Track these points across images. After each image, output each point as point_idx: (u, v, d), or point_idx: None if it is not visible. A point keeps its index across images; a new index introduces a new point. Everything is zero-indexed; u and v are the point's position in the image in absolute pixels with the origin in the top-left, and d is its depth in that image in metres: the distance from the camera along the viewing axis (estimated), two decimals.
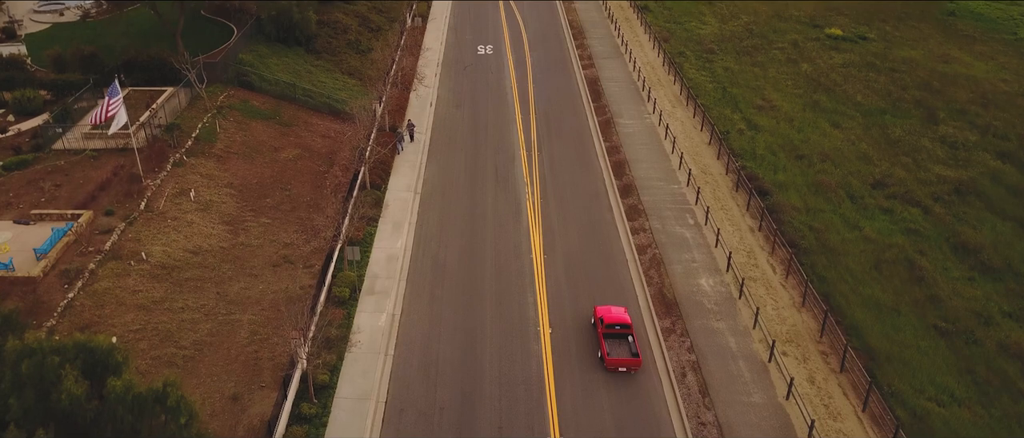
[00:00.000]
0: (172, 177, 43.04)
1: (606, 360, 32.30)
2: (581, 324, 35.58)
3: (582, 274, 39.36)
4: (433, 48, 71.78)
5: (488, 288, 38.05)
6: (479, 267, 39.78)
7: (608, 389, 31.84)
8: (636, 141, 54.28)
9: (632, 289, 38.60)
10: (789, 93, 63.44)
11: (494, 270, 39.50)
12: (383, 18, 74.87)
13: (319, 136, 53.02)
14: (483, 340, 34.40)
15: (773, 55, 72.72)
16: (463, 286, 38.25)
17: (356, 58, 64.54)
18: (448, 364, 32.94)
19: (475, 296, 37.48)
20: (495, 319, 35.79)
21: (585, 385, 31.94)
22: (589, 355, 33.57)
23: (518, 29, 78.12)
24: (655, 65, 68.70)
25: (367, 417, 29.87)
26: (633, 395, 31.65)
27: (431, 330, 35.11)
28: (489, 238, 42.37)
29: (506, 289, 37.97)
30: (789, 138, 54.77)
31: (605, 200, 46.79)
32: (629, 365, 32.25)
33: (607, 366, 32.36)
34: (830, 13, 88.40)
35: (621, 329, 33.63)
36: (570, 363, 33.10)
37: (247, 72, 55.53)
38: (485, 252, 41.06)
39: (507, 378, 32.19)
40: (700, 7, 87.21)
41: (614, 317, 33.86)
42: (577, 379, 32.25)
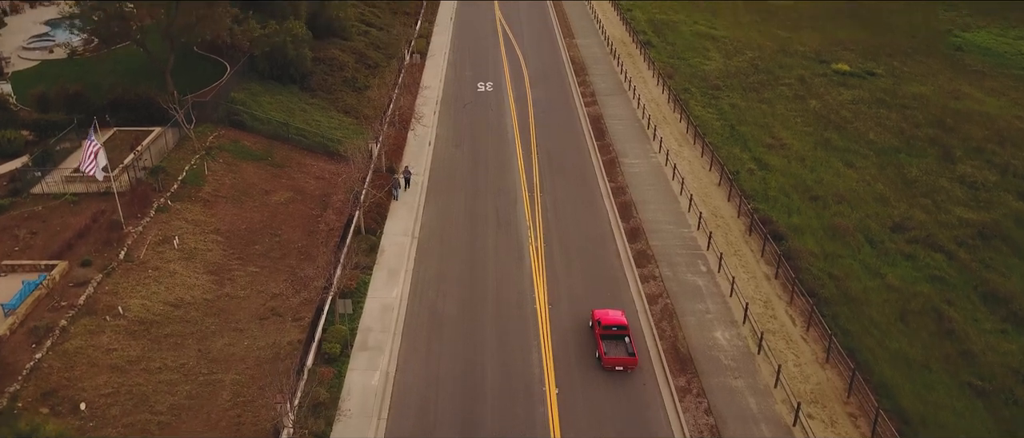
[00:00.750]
0: (155, 223, 40.75)
1: (603, 359, 33.57)
2: (591, 383, 33.04)
3: (588, 329, 36.88)
4: (432, 85, 70.03)
5: (490, 342, 35.56)
6: (480, 319, 37.33)
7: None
8: (643, 181, 52.14)
9: (643, 342, 36.10)
10: (799, 131, 61.50)
11: (496, 322, 37.05)
12: (381, 55, 73.25)
13: (313, 178, 50.87)
14: (484, 401, 31.83)
15: (780, 91, 70.99)
16: (463, 340, 35.76)
17: (353, 96, 62.70)
18: (447, 427, 30.34)
19: (476, 351, 34.98)
20: (497, 377, 33.25)
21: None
22: (603, 420, 31.00)
23: (518, 65, 76.54)
24: (660, 102, 66.90)
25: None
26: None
27: (428, 390, 32.56)
28: (490, 287, 39.97)
29: (509, 343, 35.48)
30: (802, 178, 52.64)
31: (612, 245, 44.48)
32: (626, 364, 33.49)
33: (604, 365, 33.57)
34: (835, 48, 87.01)
35: (618, 331, 34.94)
36: (580, 429, 30.50)
37: (238, 111, 53.59)
38: (486, 302, 38.64)
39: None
40: (704, 42, 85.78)
41: (611, 319, 35.14)
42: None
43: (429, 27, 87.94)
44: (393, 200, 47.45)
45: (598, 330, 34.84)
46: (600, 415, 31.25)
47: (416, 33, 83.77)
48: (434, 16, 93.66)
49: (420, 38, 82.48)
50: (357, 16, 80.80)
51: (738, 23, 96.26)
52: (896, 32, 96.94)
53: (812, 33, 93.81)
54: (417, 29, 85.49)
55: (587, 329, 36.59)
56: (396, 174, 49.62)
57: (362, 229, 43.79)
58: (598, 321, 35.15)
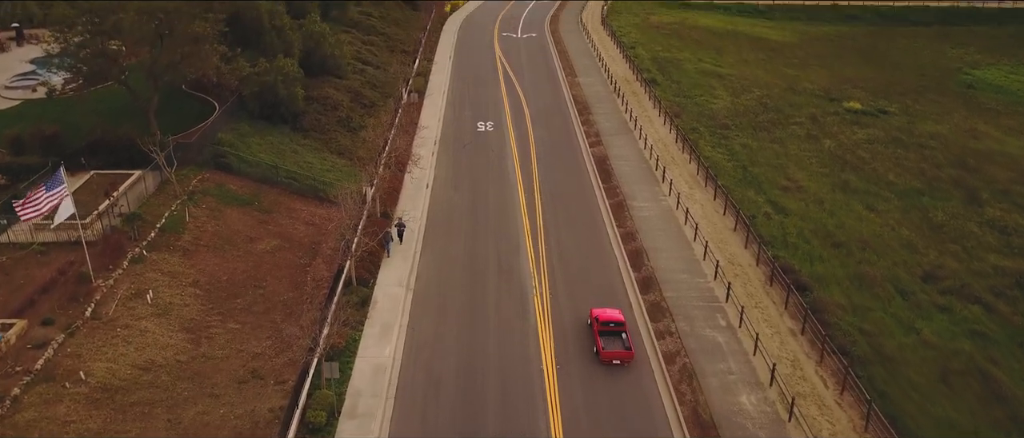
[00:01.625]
0: (128, 276, 37.51)
1: (601, 353, 34.99)
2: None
3: (603, 390, 33.48)
4: (430, 125, 67.36)
5: (492, 409, 32.12)
6: (481, 382, 33.91)
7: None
8: (653, 227, 49.07)
9: (661, 408, 32.68)
10: (814, 172, 58.65)
11: (499, 386, 33.63)
12: (377, 94, 70.73)
13: (302, 224, 47.76)
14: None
15: (792, 130, 68.36)
16: (462, 407, 32.32)
17: (347, 136, 59.92)
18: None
19: (476, 419, 31.52)
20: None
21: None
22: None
23: (520, 104, 74.03)
24: (667, 142, 64.16)
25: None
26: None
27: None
28: (492, 344, 36.61)
29: (513, 411, 32.04)
30: (822, 223, 49.60)
31: (623, 297, 41.21)
32: (622, 357, 35.02)
33: (602, 359, 34.96)
34: (845, 86, 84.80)
35: (615, 327, 36.30)
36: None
37: (225, 153, 50.70)
38: (487, 363, 35.25)
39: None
40: (710, 81, 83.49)
41: (608, 316, 36.84)
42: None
43: (428, 65, 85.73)
44: (385, 257, 43.95)
45: (596, 327, 36.35)
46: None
47: (414, 71, 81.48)
48: (433, 54, 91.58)
49: (418, 76, 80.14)
50: (353, 54, 78.53)
51: (744, 61, 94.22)
52: (904, 70, 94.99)
53: (819, 71, 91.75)
54: (415, 67, 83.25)
55: (602, 392, 33.19)
56: (389, 226, 46.01)
57: (353, 280, 40.56)
58: (596, 318, 36.71)
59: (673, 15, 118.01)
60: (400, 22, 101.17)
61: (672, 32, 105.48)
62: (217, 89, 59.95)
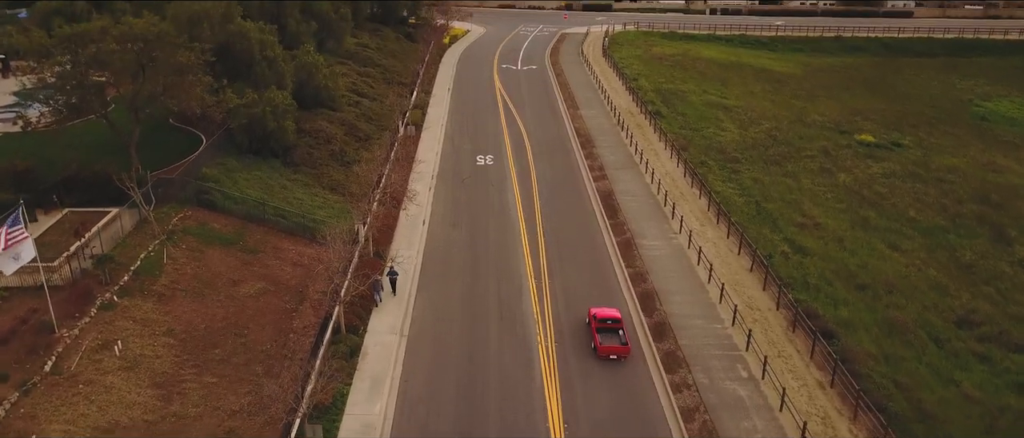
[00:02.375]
0: (96, 325, 34.36)
1: (598, 348, 36.34)
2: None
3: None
4: (427, 159, 64.64)
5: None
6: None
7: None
8: (664, 267, 46.04)
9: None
10: (831, 208, 55.82)
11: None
12: (372, 126, 68.13)
13: (289, 265, 44.70)
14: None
15: (804, 164, 65.68)
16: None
17: (340, 171, 57.09)
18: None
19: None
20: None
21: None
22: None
23: (520, 138, 71.42)
24: (675, 176, 61.38)
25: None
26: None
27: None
28: (493, 400, 33.38)
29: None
30: (843, 263, 46.62)
31: (636, 346, 38.00)
32: (619, 352, 36.35)
33: (599, 354, 36.35)
34: (855, 118, 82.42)
35: (612, 324, 37.68)
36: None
37: (209, 189, 47.80)
38: (488, 421, 32.00)
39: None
40: (716, 113, 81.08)
41: (605, 314, 38.18)
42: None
43: (425, 97, 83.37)
44: (375, 306, 40.63)
45: (594, 324, 37.58)
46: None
47: (411, 103, 79.04)
48: (431, 86, 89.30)
49: (416, 109, 77.67)
50: (349, 86, 76.16)
51: (750, 93, 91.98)
52: (914, 101, 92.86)
53: (828, 102, 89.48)
54: (413, 99, 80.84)
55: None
56: (380, 270, 42.53)
57: (342, 327, 37.40)
58: (594, 316, 38.03)
59: (675, 46, 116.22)
60: (397, 54, 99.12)
61: (675, 63, 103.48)
62: (205, 122, 57.24)
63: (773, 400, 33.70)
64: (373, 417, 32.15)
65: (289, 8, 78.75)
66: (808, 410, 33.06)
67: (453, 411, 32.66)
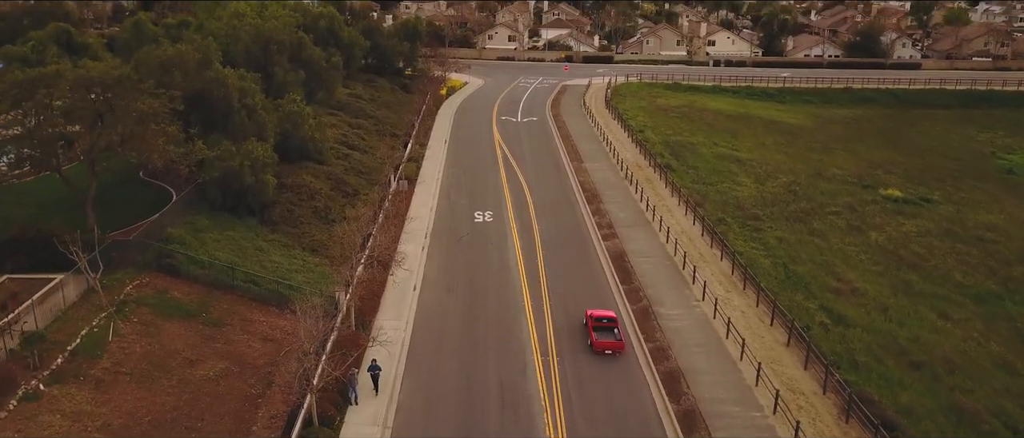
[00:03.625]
0: (13, 421, 28.47)
1: (595, 344, 38.46)
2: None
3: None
4: (421, 216, 59.35)
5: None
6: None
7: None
8: (688, 341, 40.33)
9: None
10: (867, 270, 50.43)
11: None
12: (362, 181, 63.00)
13: (259, 340, 38.93)
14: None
15: (830, 221, 60.51)
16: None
17: (323, 230, 51.68)
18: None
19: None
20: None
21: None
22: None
23: (522, 192, 66.30)
24: (692, 235, 56.04)
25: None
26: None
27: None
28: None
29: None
30: (892, 336, 40.98)
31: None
32: (614, 348, 38.41)
33: (595, 349, 38.41)
34: (875, 171, 77.72)
35: (607, 323, 39.57)
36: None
37: (171, 252, 42.32)
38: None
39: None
40: (729, 166, 76.28)
41: (601, 314, 40.27)
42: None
43: (420, 150, 78.57)
44: (351, 405, 33.89)
45: (590, 324, 39.59)
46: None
47: (405, 156, 74.17)
48: (426, 138, 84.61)
49: (410, 162, 72.74)
50: (338, 138, 71.37)
51: (762, 145, 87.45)
52: (933, 154, 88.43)
53: (845, 155, 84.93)
54: (407, 152, 76.01)
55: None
56: (354, 366, 35.51)
57: (314, 419, 31.51)
58: (590, 317, 40.13)
59: (680, 98, 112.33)
60: (392, 105, 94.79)
61: (681, 115, 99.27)
62: (177, 177, 52.20)
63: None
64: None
65: (276, 56, 74.55)
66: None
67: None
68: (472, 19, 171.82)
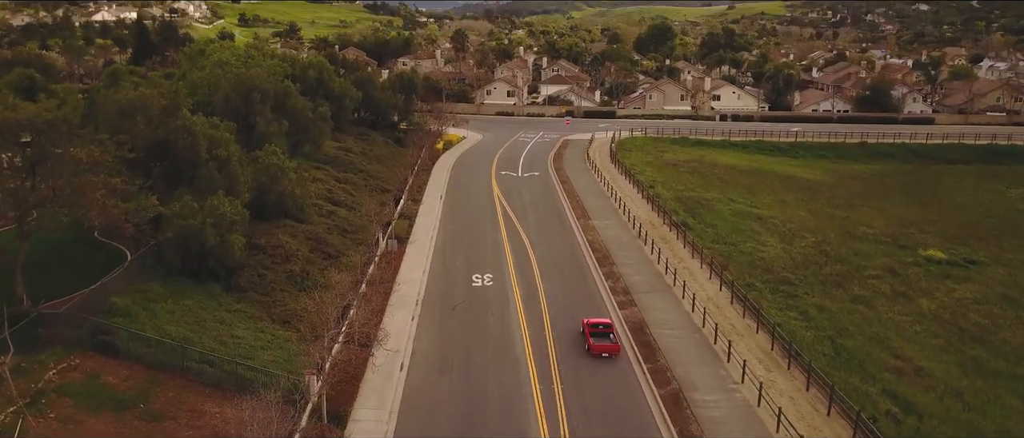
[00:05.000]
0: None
1: (591, 348, 40.76)
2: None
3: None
4: (412, 280, 52.69)
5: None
6: None
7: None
8: (732, 436, 33.25)
9: None
10: (926, 345, 43.65)
11: None
12: (346, 240, 56.48)
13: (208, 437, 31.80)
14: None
15: (872, 286, 53.91)
16: None
17: (298, 298, 44.79)
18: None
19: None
20: None
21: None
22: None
23: (524, 252, 59.78)
24: (719, 303, 49.30)
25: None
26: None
27: None
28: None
29: None
30: (976, 429, 34.04)
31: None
32: (609, 350, 40.68)
33: (592, 352, 40.68)
34: (908, 230, 71.43)
35: (603, 329, 42.22)
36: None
37: (110, 327, 35.53)
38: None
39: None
40: (750, 224, 69.95)
41: (597, 320, 43.08)
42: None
43: (414, 206, 72.30)
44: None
45: (587, 330, 41.84)
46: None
47: (397, 213, 67.84)
48: (421, 194, 78.42)
49: (402, 219, 66.39)
50: (322, 193, 65.18)
51: (781, 202, 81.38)
52: (966, 211, 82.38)
53: (871, 212, 78.79)
54: (399, 208, 69.73)
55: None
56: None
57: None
58: (587, 324, 42.34)
59: (689, 153, 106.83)
60: (385, 159, 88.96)
61: (692, 170, 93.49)
62: (131, 237, 45.76)
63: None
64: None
65: (258, 106, 68.95)
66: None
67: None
68: (470, 75, 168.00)
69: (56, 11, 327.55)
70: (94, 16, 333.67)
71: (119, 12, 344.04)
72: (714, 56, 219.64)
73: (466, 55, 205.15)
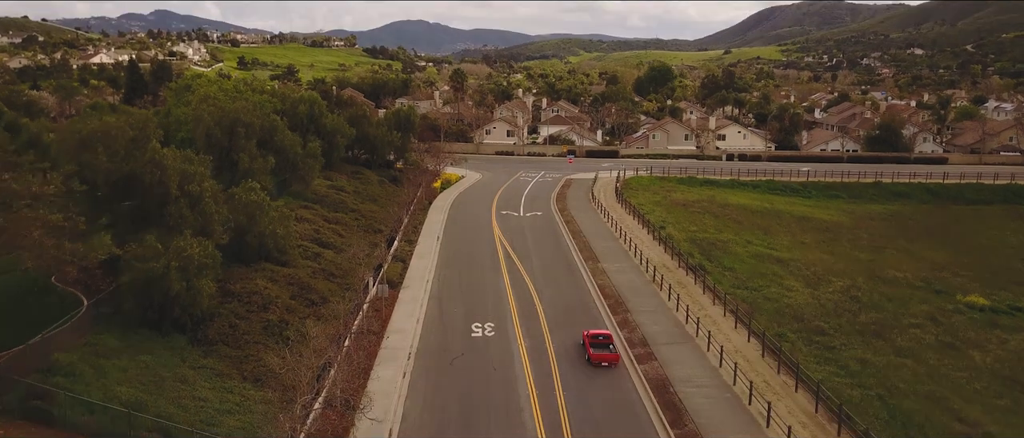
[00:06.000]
0: None
1: (591, 357, 42.28)
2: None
3: None
4: (404, 329, 47.39)
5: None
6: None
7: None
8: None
9: None
10: (991, 405, 38.34)
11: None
12: (333, 285, 51.26)
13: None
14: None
15: (915, 336, 48.67)
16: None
17: (274, 353, 39.40)
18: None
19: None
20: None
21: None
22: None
23: (529, 299, 54.58)
24: (749, 356, 43.98)
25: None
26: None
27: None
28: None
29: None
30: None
31: None
32: (609, 359, 42.17)
33: (592, 361, 42.17)
34: (941, 274, 66.41)
35: (603, 339, 43.87)
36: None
37: (45, 391, 30.16)
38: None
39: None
40: (771, 267, 64.92)
41: (597, 332, 44.84)
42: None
43: (408, 248, 67.20)
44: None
45: (587, 341, 43.67)
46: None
47: (390, 255, 62.73)
48: (416, 235, 73.42)
49: (395, 261, 61.27)
50: (309, 234, 60.17)
51: (800, 244, 76.47)
52: (997, 254, 77.52)
53: (897, 255, 73.90)
54: (392, 250, 64.64)
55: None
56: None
57: None
58: (587, 336, 44.28)
59: (697, 192, 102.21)
60: (379, 198, 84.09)
61: (703, 210, 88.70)
62: (90, 282, 40.69)
63: None
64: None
65: (243, 141, 64.32)
66: None
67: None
68: (469, 115, 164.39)
69: (55, 54, 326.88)
70: (92, 59, 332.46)
71: (118, 55, 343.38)
72: (717, 96, 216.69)
73: (465, 96, 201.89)
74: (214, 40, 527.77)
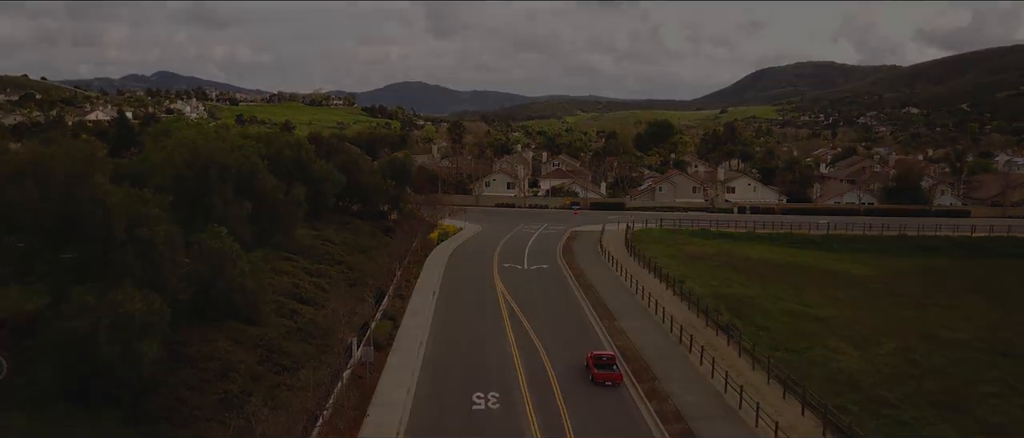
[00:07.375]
0: None
1: (595, 376, 42.50)
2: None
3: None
4: (392, 402, 39.81)
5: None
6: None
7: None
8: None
9: None
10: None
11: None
12: (309, 348, 43.81)
13: None
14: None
15: (1000, 410, 41.24)
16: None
17: (230, 434, 31.81)
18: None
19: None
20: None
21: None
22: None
23: (539, 363, 47.06)
24: (809, 435, 36.32)
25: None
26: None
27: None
28: None
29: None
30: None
31: None
32: (612, 378, 42.43)
33: (596, 380, 42.44)
34: (1000, 333, 59.41)
35: (607, 360, 43.76)
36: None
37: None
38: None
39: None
40: (809, 326, 57.62)
41: (601, 352, 45.08)
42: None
43: (400, 304, 59.84)
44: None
45: (591, 362, 43.76)
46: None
47: (379, 312, 55.27)
48: (409, 290, 66.01)
49: (385, 319, 53.85)
50: (286, 288, 53.00)
51: (834, 300, 69.25)
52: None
53: (943, 312, 66.70)
54: (382, 306, 57.19)
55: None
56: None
57: None
58: (591, 356, 44.50)
59: (712, 246, 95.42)
60: (369, 250, 77.05)
61: (722, 264, 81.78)
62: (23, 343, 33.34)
63: None
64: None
65: (217, 185, 57.54)
66: None
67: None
68: (468, 168, 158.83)
69: (51, 112, 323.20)
70: (88, 115, 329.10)
71: (114, 112, 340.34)
72: (722, 150, 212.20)
73: (463, 150, 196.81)
74: (213, 98, 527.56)
